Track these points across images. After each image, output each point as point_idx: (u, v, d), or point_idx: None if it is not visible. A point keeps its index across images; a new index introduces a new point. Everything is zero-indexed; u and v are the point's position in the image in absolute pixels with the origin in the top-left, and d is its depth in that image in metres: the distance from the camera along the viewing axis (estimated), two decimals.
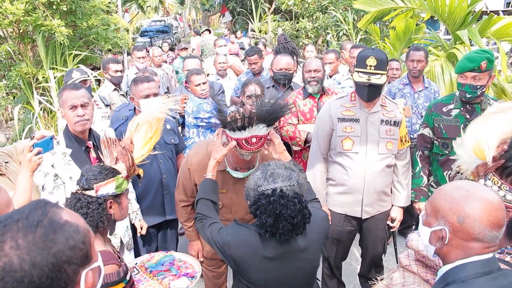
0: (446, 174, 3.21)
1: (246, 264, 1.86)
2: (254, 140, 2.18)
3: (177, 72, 7.94)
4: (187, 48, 9.38)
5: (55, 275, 0.92)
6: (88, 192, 1.84)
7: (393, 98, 4.39)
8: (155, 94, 3.23)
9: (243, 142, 2.18)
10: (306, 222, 1.77)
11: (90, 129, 2.80)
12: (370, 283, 2.61)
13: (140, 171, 2.15)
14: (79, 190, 1.86)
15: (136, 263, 2.41)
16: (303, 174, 1.97)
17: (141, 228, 3.20)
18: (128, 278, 1.85)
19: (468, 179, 1.84)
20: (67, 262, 0.94)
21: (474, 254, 1.29)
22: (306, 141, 3.69)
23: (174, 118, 3.79)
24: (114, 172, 1.92)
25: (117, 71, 5.03)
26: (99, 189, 1.84)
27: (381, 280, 2.46)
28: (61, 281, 0.93)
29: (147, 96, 3.19)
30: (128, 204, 2.02)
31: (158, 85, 4.73)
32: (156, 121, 2.29)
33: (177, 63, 8.55)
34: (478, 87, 2.97)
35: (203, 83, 4.10)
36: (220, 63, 6.04)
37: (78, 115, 2.63)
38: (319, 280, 2.35)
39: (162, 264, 2.39)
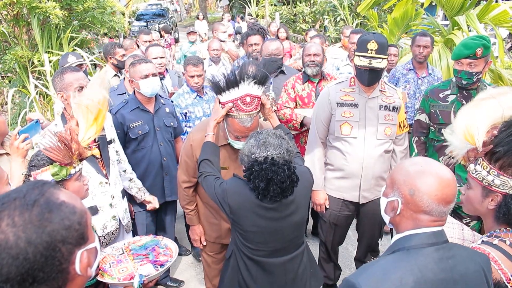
0: (442, 160, 3.24)
1: (241, 211, 2.06)
2: (248, 99, 2.33)
3: (184, 57, 7.84)
4: (195, 32, 9.12)
5: (49, 253, 0.94)
6: (30, 178, 1.89)
7: (396, 83, 4.44)
8: (154, 74, 3.29)
9: (239, 103, 2.32)
10: (294, 186, 2.00)
11: None
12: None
13: (95, 153, 2.15)
14: (27, 174, 1.91)
15: (124, 244, 2.44)
16: (292, 141, 2.14)
17: (150, 203, 3.28)
18: None
19: (460, 164, 1.89)
20: (61, 241, 0.96)
21: (423, 226, 1.38)
22: (302, 124, 3.71)
23: (172, 101, 3.77)
24: (51, 160, 1.93)
25: (123, 55, 4.99)
26: (36, 177, 1.88)
27: None
28: (55, 260, 0.95)
29: (146, 76, 3.24)
30: (82, 187, 2.03)
31: (165, 67, 4.71)
32: (95, 102, 2.22)
33: (186, 48, 8.46)
34: (474, 73, 2.98)
35: (198, 76, 3.90)
36: (214, 49, 5.92)
37: None
38: (306, 236, 2.45)
39: (146, 248, 2.41)
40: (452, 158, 1.88)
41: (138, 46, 6.16)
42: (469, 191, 1.72)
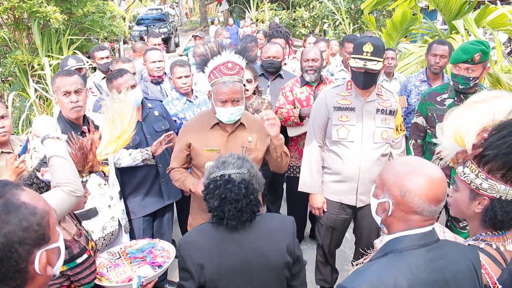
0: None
1: (205, 258, 1.82)
2: (230, 65, 2.52)
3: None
4: (203, 38, 8.97)
5: (5, 254, 0.94)
6: (37, 173, 1.94)
7: (408, 95, 4.27)
8: (133, 86, 3.16)
9: (222, 68, 2.52)
10: (254, 210, 1.82)
11: (84, 114, 2.83)
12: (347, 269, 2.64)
13: (106, 170, 2.16)
14: (35, 169, 1.96)
15: (121, 248, 2.45)
16: (259, 172, 1.97)
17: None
18: (79, 262, 1.96)
19: (449, 166, 1.90)
20: (18, 242, 0.96)
21: (414, 226, 1.39)
22: (301, 117, 3.73)
23: (161, 101, 3.67)
24: None
25: (102, 58, 4.92)
26: (44, 174, 1.92)
27: (356, 265, 2.49)
28: (12, 260, 0.96)
29: (132, 87, 3.14)
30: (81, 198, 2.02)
31: (164, 71, 4.60)
32: (119, 120, 2.24)
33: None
34: (471, 78, 2.97)
35: (185, 76, 3.84)
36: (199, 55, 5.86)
37: (72, 101, 2.67)
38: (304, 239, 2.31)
39: (143, 251, 2.42)
40: (441, 159, 1.89)
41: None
42: (456, 194, 1.71)
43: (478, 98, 1.88)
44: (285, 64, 5.06)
